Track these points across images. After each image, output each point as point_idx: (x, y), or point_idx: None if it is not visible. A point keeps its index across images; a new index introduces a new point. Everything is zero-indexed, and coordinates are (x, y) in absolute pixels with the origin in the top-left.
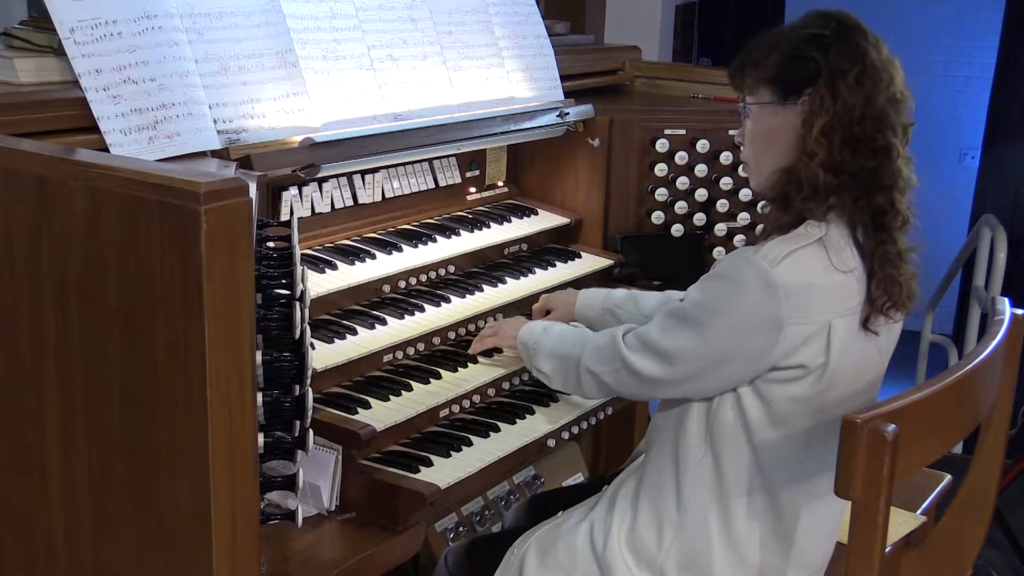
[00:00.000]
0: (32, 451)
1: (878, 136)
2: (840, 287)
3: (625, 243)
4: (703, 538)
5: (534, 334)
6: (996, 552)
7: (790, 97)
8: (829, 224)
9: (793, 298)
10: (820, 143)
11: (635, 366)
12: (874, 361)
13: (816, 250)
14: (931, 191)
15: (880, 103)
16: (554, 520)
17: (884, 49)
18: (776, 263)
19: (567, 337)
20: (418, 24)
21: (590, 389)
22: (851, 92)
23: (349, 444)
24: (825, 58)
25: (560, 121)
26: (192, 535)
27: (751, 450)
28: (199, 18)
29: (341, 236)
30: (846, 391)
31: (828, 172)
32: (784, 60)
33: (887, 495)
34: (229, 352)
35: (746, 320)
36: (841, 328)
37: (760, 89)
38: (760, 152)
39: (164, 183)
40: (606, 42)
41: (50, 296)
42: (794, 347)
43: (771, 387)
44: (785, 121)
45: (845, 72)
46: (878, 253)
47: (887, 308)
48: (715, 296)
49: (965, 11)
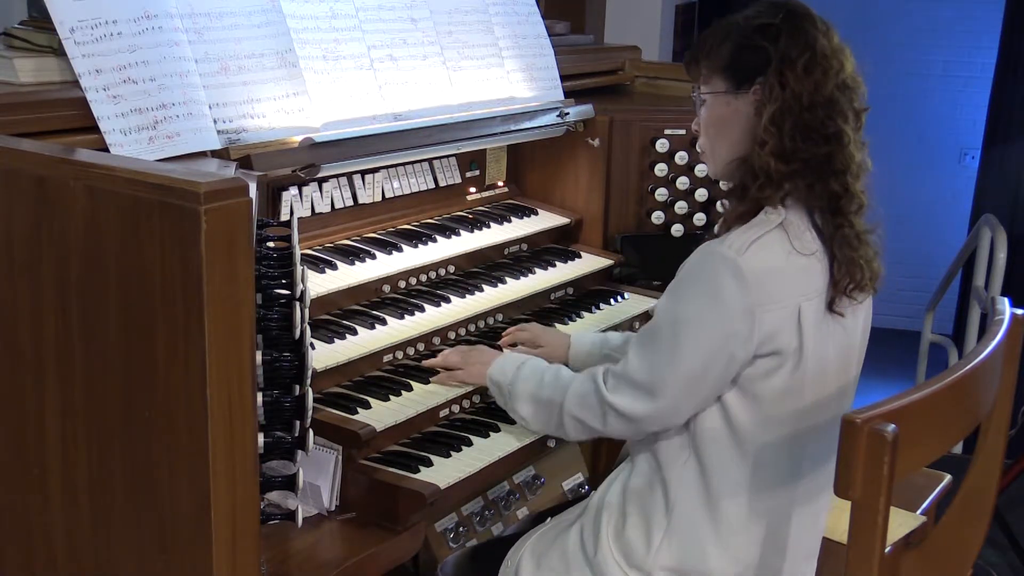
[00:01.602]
0: (32, 451)
1: (828, 123)
2: (804, 270)
3: (625, 243)
4: (693, 539)
5: (507, 374)
6: (996, 552)
7: (742, 86)
8: (787, 209)
9: (762, 285)
10: (770, 131)
11: (620, 407)
12: (846, 345)
13: (778, 235)
14: (931, 191)
15: (829, 90)
16: (545, 526)
17: (835, 36)
18: (743, 252)
19: (546, 380)
20: (418, 24)
21: (575, 433)
22: (799, 80)
23: (349, 444)
24: (775, 47)
25: (560, 121)
26: (192, 535)
27: (737, 452)
28: (199, 18)
29: (341, 236)
30: (825, 380)
31: (779, 160)
32: (735, 49)
33: (887, 495)
34: (229, 352)
35: (725, 314)
36: (809, 311)
37: (713, 78)
38: (715, 141)
39: (164, 183)
40: (606, 42)
41: (50, 296)
42: (769, 335)
43: (753, 383)
44: (738, 110)
45: (794, 60)
46: (836, 236)
47: (851, 290)
48: (689, 300)
49: (965, 11)
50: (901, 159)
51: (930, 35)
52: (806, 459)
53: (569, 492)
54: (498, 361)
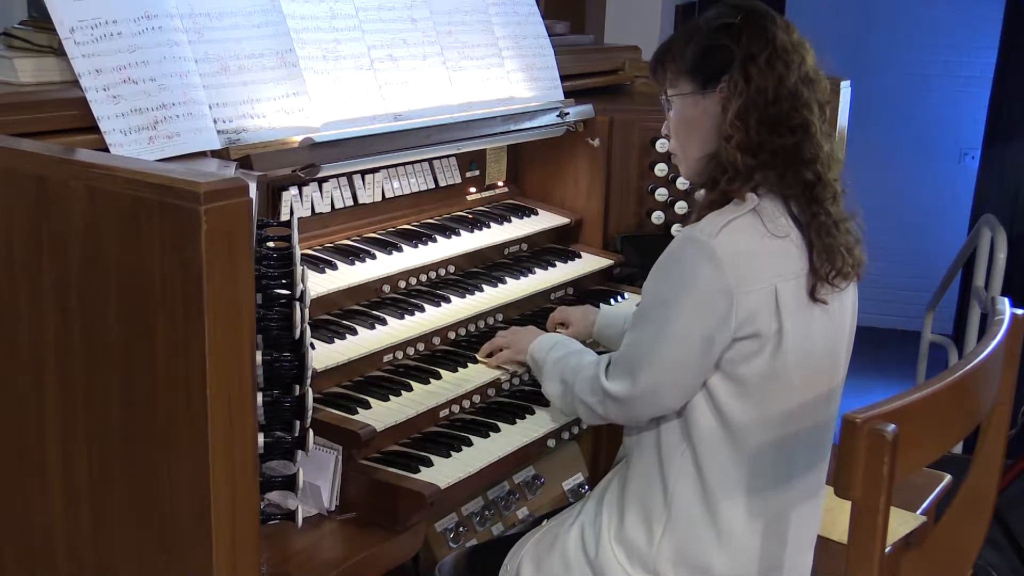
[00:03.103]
0: (32, 451)
1: (794, 114)
2: (779, 252)
3: (625, 243)
4: (693, 532)
5: (543, 351)
6: (996, 552)
7: (708, 86)
8: (761, 197)
9: (737, 266)
10: (736, 126)
11: (610, 390)
12: (832, 331)
13: (751, 218)
14: (931, 191)
15: (792, 83)
16: (543, 528)
17: (795, 32)
18: (714, 235)
19: (570, 363)
20: (418, 24)
21: (587, 417)
22: (762, 75)
23: (349, 444)
24: (737, 45)
25: (560, 121)
26: (192, 535)
27: (733, 452)
28: (199, 18)
29: (341, 236)
30: (813, 367)
31: (746, 153)
32: (699, 51)
33: (887, 495)
34: (229, 352)
35: (700, 294)
36: (787, 292)
37: (680, 81)
38: (685, 141)
39: (164, 183)
40: (606, 42)
41: (50, 296)
42: (748, 317)
43: (736, 366)
44: (706, 110)
45: (756, 56)
46: (813, 224)
47: (832, 277)
48: (666, 283)
49: (965, 11)
50: (901, 159)
51: (930, 35)
52: (801, 455)
53: (569, 492)
54: (539, 339)
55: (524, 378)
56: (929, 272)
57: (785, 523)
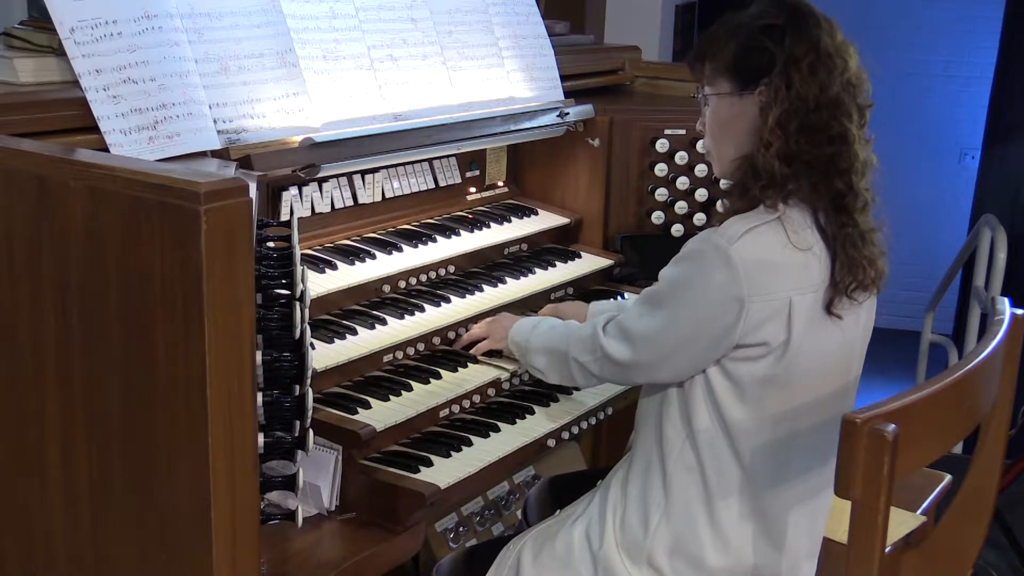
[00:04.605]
0: (32, 451)
1: (833, 123)
2: (799, 265)
3: (625, 243)
4: (689, 524)
5: (524, 332)
6: (996, 552)
7: (747, 87)
8: (789, 207)
9: (753, 275)
10: (776, 133)
11: (611, 352)
12: (844, 345)
13: (775, 227)
14: (931, 191)
15: (835, 90)
16: (549, 520)
17: (838, 34)
18: (734, 240)
19: (557, 331)
20: (418, 24)
21: (581, 379)
22: (805, 81)
23: (349, 444)
24: (780, 48)
25: (560, 121)
26: (192, 535)
27: (732, 454)
28: (199, 18)
29: (341, 236)
30: (820, 378)
31: (784, 162)
32: (740, 51)
33: (887, 495)
34: (229, 352)
35: (710, 299)
36: (802, 306)
37: (718, 79)
38: (719, 141)
39: (164, 183)
40: (606, 42)
41: (50, 296)
42: (757, 325)
43: (736, 365)
44: (743, 111)
45: (799, 61)
46: (840, 236)
47: (852, 290)
48: (680, 277)
49: (965, 11)
50: (901, 159)
51: (930, 35)
52: (802, 459)
53: None
54: (517, 324)
55: (524, 378)
56: (929, 272)
57: (782, 526)
